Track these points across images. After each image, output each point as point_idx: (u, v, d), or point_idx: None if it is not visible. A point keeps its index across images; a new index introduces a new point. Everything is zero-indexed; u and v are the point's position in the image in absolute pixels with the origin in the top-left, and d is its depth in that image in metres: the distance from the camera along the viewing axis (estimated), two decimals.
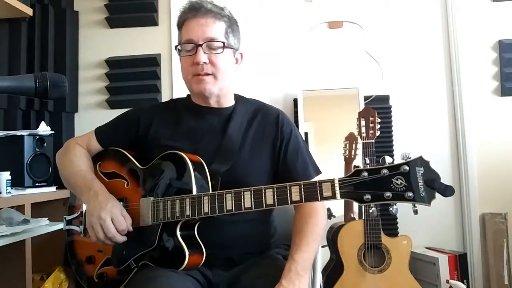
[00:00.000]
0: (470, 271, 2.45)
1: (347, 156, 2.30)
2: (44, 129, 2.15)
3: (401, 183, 0.95)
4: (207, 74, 1.24)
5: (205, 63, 1.23)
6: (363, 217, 2.10)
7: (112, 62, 2.65)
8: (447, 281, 2.23)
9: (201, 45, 1.23)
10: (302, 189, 1.02)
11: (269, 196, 1.04)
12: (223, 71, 1.26)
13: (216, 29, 1.26)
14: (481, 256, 2.48)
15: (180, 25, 1.30)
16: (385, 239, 2.07)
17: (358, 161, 2.25)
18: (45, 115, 2.47)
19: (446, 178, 2.47)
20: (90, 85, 2.68)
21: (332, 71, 2.62)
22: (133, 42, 2.66)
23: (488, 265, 2.45)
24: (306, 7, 2.70)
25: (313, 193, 1.01)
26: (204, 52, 1.23)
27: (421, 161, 0.95)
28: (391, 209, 0.99)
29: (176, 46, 1.30)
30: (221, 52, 1.25)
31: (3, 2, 2.07)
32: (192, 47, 1.24)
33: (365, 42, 2.61)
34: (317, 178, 1.30)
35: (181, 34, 1.29)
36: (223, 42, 1.25)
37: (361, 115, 2.15)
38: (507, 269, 2.35)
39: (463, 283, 2.22)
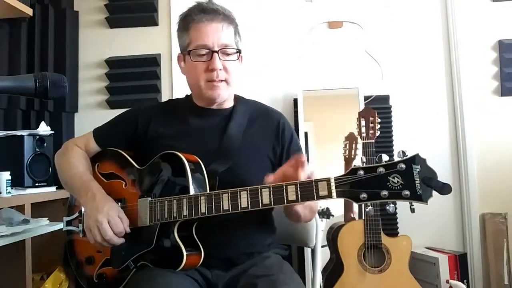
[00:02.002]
0: (470, 271, 2.45)
1: (347, 156, 2.30)
2: (44, 129, 2.15)
3: (397, 182, 0.94)
4: (221, 81, 1.24)
5: (220, 69, 1.23)
6: (363, 217, 2.10)
7: (112, 62, 2.65)
8: (447, 281, 2.23)
9: (217, 52, 1.22)
10: (298, 188, 1.02)
11: (265, 196, 1.04)
12: (235, 77, 1.28)
13: (230, 35, 1.26)
14: (481, 256, 2.48)
15: (189, 26, 1.26)
16: (385, 239, 2.07)
17: (358, 161, 2.25)
18: (45, 115, 2.47)
19: (446, 178, 2.45)
20: (90, 85, 2.68)
21: (332, 71, 2.62)
22: (133, 42, 2.66)
23: (488, 265, 2.45)
24: (306, 7, 2.70)
25: (309, 192, 1.01)
26: (220, 59, 1.23)
27: (417, 159, 0.94)
28: (388, 207, 0.98)
29: (190, 51, 1.25)
30: (236, 59, 1.26)
31: (3, 2, 2.07)
32: (207, 53, 1.23)
33: (365, 42, 2.61)
34: None
35: (190, 37, 1.25)
36: (238, 50, 1.27)
37: (361, 115, 2.15)
38: (507, 269, 2.34)
39: (463, 283, 2.22)
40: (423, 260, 2.36)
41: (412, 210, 0.97)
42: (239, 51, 1.28)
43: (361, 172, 0.96)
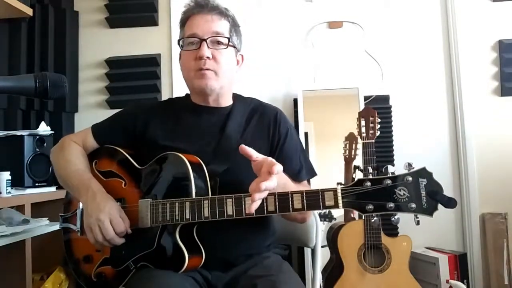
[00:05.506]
0: (470, 271, 2.45)
1: (347, 156, 2.30)
2: (44, 129, 2.15)
3: (403, 194, 0.95)
4: (209, 70, 1.23)
5: (208, 57, 1.22)
6: (363, 217, 2.10)
7: (112, 62, 2.65)
8: (447, 281, 2.23)
9: (205, 40, 1.23)
10: (304, 198, 1.02)
11: (271, 203, 1.04)
12: (225, 69, 1.26)
13: (222, 26, 1.27)
14: (481, 256, 2.48)
15: (184, 22, 1.30)
16: (385, 239, 2.07)
17: (358, 161, 2.25)
18: (45, 115, 2.47)
19: (446, 178, 2.50)
20: (90, 85, 2.68)
21: (332, 71, 2.62)
22: (133, 42, 2.66)
23: (488, 265, 2.45)
24: (306, 7, 2.70)
25: (315, 201, 1.02)
26: (208, 47, 1.23)
27: (424, 172, 0.96)
28: (393, 219, 1.00)
29: (178, 41, 1.29)
30: (225, 48, 1.26)
31: (3, 2, 2.07)
32: (196, 42, 1.24)
33: (365, 42, 2.61)
34: (312, 180, 1.33)
35: (184, 30, 1.29)
36: (228, 38, 1.26)
37: (361, 115, 2.15)
38: (507, 269, 2.34)
39: (463, 283, 2.22)
40: (423, 260, 2.36)
41: (417, 223, 0.99)
42: (232, 45, 1.28)
43: (368, 183, 0.97)
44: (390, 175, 0.97)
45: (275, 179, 0.99)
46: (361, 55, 2.62)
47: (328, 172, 2.48)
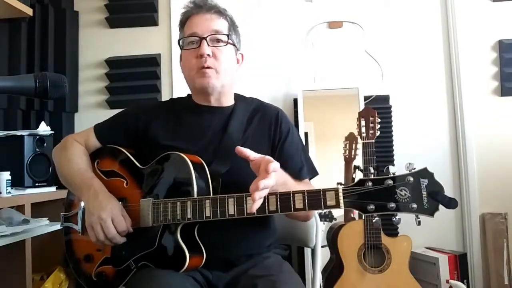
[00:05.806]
0: (470, 271, 2.45)
1: (347, 156, 2.30)
2: (44, 129, 2.15)
3: (405, 194, 0.96)
4: (210, 68, 1.24)
5: (208, 55, 1.23)
6: (363, 217, 2.10)
7: (112, 62, 2.65)
8: (447, 281, 2.23)
9: (205, 38, 1.24)
10: (306, 197, 1.02)
11: (272, 203, 1.04)
12: (225, 66, 1.27)
13: (221, 25, 1.28)
14: (481, 256, 2.48)
15: (183, 22, 1.31)
16: (385, 239, 2.07)
17: (358, 161, 2.25)
18: (45, 115, 2.47)
19: (446, 179, 2.50)
20: (90, 85, 2.68)
21: (332, 71, 2.62)
22: (133, 42, 2.66)
23: (488, 265, 2.45)
24: (306, 7, 2.70)
25: (316, 201, 1.02)
26: (208, 45, 1.24)
27: (425, 173, 0.97)
28: (394, 219, 1.00)
29: (178, 41, 1.30)
30: (225, 45, 1.27)
31: (3, 2, 2.07)
32: (196, 41, 1.26)
33: (365, 42, 2.61)
34: (313, 180, 1.33)
35: (184, 30, 1.30)
36: (227, 36, 1.28)
37: (361, 115, 2.15)
38: (507, 269, 2.35)
39: (463, 283, 2.22)
40: (423, 260, 2.36)
41: (418, 223, 0.99)
42: (232, 43, 1.29)
43: (369, 183, 0.98)
44: (392, 175, 0.97)
45: (274, 177, 0.99)
46: (361, 55, 2.62)
47: (328, 172, 2.48)
